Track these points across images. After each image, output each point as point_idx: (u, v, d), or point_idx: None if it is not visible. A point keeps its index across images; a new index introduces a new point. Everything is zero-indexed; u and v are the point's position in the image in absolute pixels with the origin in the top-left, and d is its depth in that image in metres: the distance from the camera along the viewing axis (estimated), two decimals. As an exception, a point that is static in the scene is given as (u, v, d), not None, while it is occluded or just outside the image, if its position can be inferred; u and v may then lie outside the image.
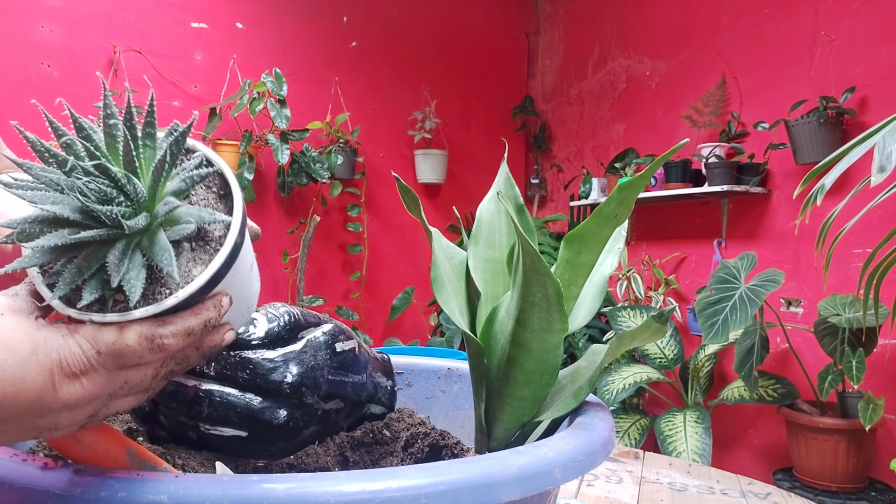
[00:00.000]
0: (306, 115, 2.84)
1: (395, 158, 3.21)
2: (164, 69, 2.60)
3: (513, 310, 0.52)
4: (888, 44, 2.12)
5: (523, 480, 0.39)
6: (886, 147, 0.93)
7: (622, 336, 0.52)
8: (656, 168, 0.45)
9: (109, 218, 0.32)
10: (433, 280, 0.59)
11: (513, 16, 3.64)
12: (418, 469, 0.37)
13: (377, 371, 0.64)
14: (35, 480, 0.34)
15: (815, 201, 1.08)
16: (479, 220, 0.65)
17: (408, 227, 3.23)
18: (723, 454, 2.64)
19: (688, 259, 2.82)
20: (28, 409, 0.31)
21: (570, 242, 0.53)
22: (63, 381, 0.31)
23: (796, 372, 2.27)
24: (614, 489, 1.03)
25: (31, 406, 0.31)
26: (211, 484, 0.34)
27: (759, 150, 2.48)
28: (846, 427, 1.97)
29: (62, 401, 0.31)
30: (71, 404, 0.32)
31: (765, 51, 2.49)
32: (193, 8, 2.66)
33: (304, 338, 0.57)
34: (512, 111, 3.60)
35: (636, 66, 3.08)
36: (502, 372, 0.55)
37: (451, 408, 0.74)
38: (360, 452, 0.59)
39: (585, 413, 0.53)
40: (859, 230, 2.14)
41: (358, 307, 3.06)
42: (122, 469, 0.38)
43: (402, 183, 0.57)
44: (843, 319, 1.95)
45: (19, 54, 2.32)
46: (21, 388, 0.30)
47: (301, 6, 2.92)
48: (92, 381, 0.32)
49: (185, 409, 0.53)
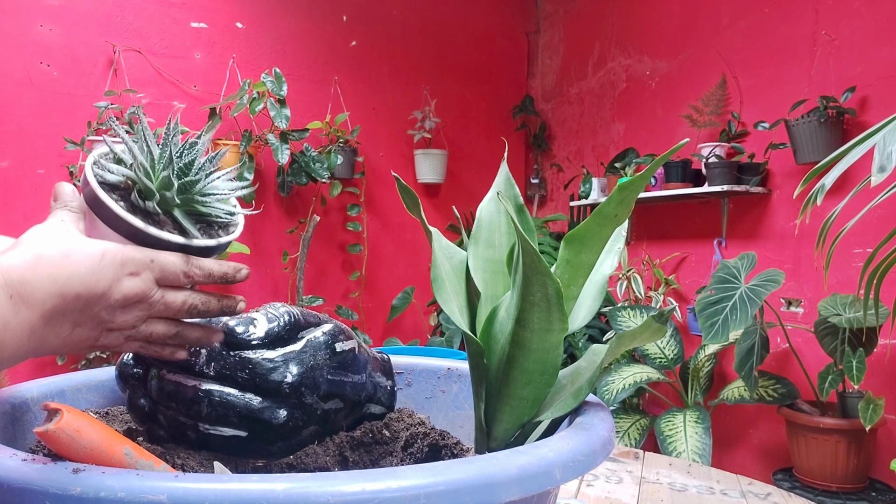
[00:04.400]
0: (306, 115, 2.83)
1: (394, 158, 3.21)
2: (163, 69, 2.60)
3: (513, 310, 0.52)
4: (888, 44, 2.12)
5: (523, 480, 0.39)
6: (886, 147, 0.93)
7: (622, 336, 0.52)
8: (656, 168, 0.45)
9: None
10: (433, 280, 0.59)
11: (513, 15, 3.64)
12: (418, 469, 0.37)
13: (377, 371, 0.64)
14: (34, 480, 0.34)
15: (816, 201, 1.08)
16: (479, 219, 0.64)
17: (408, 227, 3.23)
18: (723, 454, 2.64)
19: (688, 259, 2.82)
20: (98, 301, 0.39)
21: (570, 242, 0.53)
22: (124, 277, 0.40)
23: (796, 372, 2.27)
24: (614, 489, 1.03)
25: (101, 298, 0.39)
26: (210, 484, 0.34)
27: (760, 150, 2.48)
28: (846, 427, 1.97)
29: (123, 292, 0.40)
30: (128, 298, 0.41)
31: (765, 51, 2.49)
32: (193, 7, 2.66)
33: (303, 338, 0.57)
34: (512, 111, 3.60)
35: (636, 66, 3.08)
36: (502, 372, 0.55)
37: (450, 408, 0.74)
38: (359, 452, 0.59)
39: (585, 413, 0.53)
40: (859, 230, 2.14)
41: (358, 307, 3.06)
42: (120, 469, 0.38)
43: (401, 182, 0.57)
44: (844, 319, 1.95)
45: (19, 54, 2.32)
46: (93, 283, 0.39)
47: (301, 6, 2.92)
48: (143, 280, 0.41)
49: (185, 409, 0.53)
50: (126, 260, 0.40)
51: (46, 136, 2.37)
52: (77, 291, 0.38)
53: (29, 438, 0.57)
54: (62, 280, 0.38)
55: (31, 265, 0.37)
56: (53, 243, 0.39)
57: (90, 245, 0.40)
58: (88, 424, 0.39)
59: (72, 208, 0.43)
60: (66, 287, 0.38)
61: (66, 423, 0.38)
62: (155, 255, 0.42)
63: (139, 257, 0.41)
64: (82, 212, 0.43)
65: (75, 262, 0.39)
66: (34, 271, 0.37)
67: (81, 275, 0.38)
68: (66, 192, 0.43)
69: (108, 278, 0.40)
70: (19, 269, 0.37)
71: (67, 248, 0.39)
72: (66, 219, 0.42)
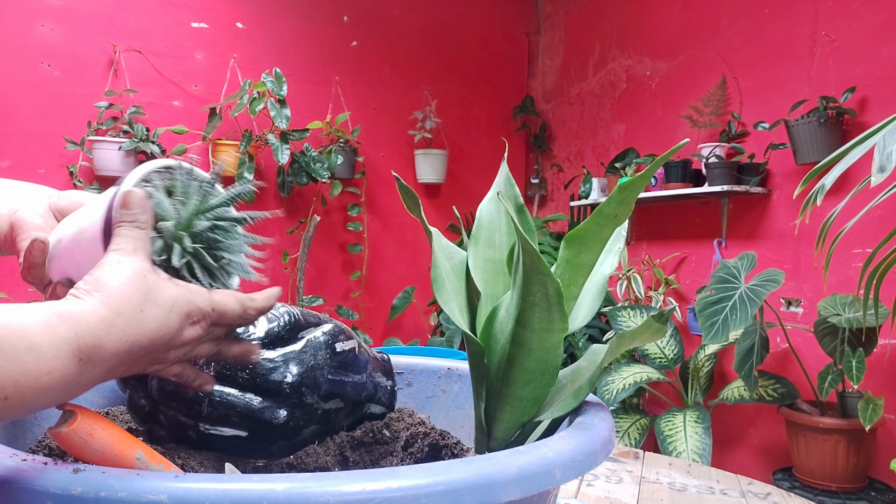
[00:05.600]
0: (306, 115, 2.83)
1: (395, 158, 3.21)
2: (164, 69, 2.60)
3: (513, 309, 0.52)
4: (888, 44, 2.12)
5: (523, 480, 0.39)
6: (886, 147, 0.93)
7: (622, 336, 0.52)
8: (656, 168, 0.45)
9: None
10: (433, 280, 0.59)
11: (513, 16, 3.64)
12: (418, 469, 0.37)
13: (377, 371, 0.64)
14: (35, 480, 0.34)
15: (815, 201, 1.08)
16: (479, 219, 0.64)
17: (408, 227, 3.23)
18: (723, 454, 2.64)
19: (688, 259, 2.82)
20: (162, 346, 0.41)
21: (570, 242, 0.53)
22: (187, 326, 0.41)
23: (796, 372, 2.27)
24: (614, 489, 1.03)
25: (165, 344, 0.41)
26: (211, 484, 0.34)
27: (760, 150, 2.48)
28: (846, 427, 1.97)
29: (183, 339, 0.42)
30: (186, 342, 0.42)
31: (765, 51, 2.49)
32: (194, 8, 2.66)
33: (304, 338, 0.57)
34: (512, 111, 3.60)
35: (636, 66, 3.08)
36: (502, 372, 0.55)
37: (451, 407, 0.74)
38: (360, 452, 0.59)
39: (585, 413, 0.53)
40: (859, 230, 2.14)
41: (358, 307, 3.06)
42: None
43: (402, 183, 0.57)
44: (843, 319, 1.95)
45: (19, 54, 2.32)
46: (160, 336, 0.40)
47: (301, 6, 2.92)
48: (202, 326, 0.43)
49: (185, 409, 0.53)
50: (191, 311, 0.41)
51: (47, 136, 2.37)
52: (144, 345, 0.39)
53: (29, 438, 0.57)
54: (132, 339, 0.38)
55: (108, 326, 0.37)
56: (131, 295, 0.38)
57: (161, 296, 0.40)
58: (102, 427, 0.40)
59: (141, 224, 0.41)
60: (136, 344, 0.38)
61: (79, 426, 0.38)
62: (215, 303, 0.43)
63: (203, 307, 0.42)
64: (150, 226, 0.42)
65: (148, 318, 0.39)
66: (109, 333, 0.36)
67: (151, 331, 0.39)
68: (137, 202, 0.41)
69: (174, 330, 0.40)
70: (95, 333, 0.36)
71: (142, 300, 0.39)
72: (140, 249, 0.41)
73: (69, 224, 0.46)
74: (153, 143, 2.42)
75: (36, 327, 0.33)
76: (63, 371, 0.34)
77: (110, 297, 0.37)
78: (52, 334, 0.34)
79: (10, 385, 0.32)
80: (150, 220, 0.42)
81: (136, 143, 2.35)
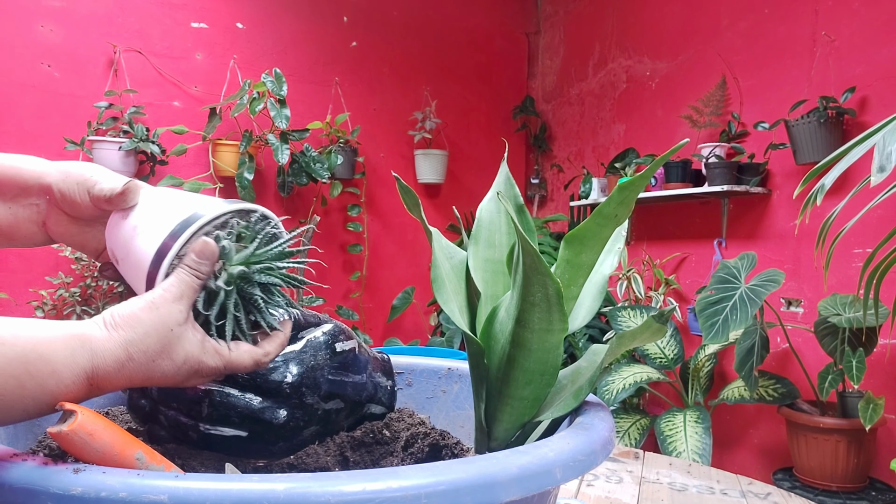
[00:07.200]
0: (306, 115, 2.83)
1: (395, 158, 3.21)
2: (164, 69, 2.60)
3: (513, 310, 0.52)
4: (888, 44, 2.12)
5: (524, 480, 0.39)
6: (886, 147, 0.93)
7: (622, 336, 0.52)
8: (656, 168, 0.45)
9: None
10: (433, 280, 0.59)
11: (513, 16, 3.64)
12: (419, 469, 0.37)
13: (377, 371, 0.64)
14: (35, 480, 0.34)
15: (815, 201, 1.08)
16: (479, 220, 0.64)
17: (408, 227, 3.23)
18: (723, 454, 2.64)
19: (688, 259, 2.82)
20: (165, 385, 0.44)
21: (570, 242, 0.53)
22: (193, 377, 0.44)
23: (796, 372, 2.27)
24: (614, 489, 1.03)
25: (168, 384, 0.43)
26: (211, 484, 0.34)
27: (759, 150, 2.48)
28: (846, 427, 1.97)
29: (187, 384, 0.44)
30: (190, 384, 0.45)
31: (765, 51, 2.49)
32: (194, 8, 2.66)
33: (304, 338, 0.57)
34: (512, 111, 3.60)
35: (636, 67, 3.08)
36: (502, 372, 0.55)
37: (451, 408, 0.74)
38: (360, 452, 0.59)
39: (585, 413, 0.53)
40: (859, 230, 2.14)
41: (358, 307, 3.06)
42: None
43: (402, 183, 0.57)
44: (844, 319, 1.95)
45: (19, 54, 2.32)
46: (167, 381, 0.42)
47: (301, 6, 2.92)
48: (208, 378, 0.45)
49: (186, 410, 0.53)
50: (201, 370, 0.43)
51: (47, 136, 2.37)
52: (147, 382, 0.42)
53: (29, 438, 0.57)
54: (138, 380, 0.41)
55: (119, 367, 0.40)
56: (149, 347, 0.41)
57: (177, 351, 0.42)
58: (102, 427, 0.39)
59: (200, 275, 0.43)
60: (140, 382, 0.41)
61: (79, 426, 0.38)
62: (229, 363, 0.45)
63: (214, 366, 0.44)
64: (208, 278, 0.44)
65: (156, 368, 0.41)
66: (118, 373, 0.40)
67: (156, 379, 0.42)
68: (210, 255, 0.43)
69: (178, 380, 0.43)
70: (107, 370, 0.39)
71: (158, 353, 0.41)
72: (186, 297, 0.43)
73: (146, 214, 0.46)
74: (153, 143, 2.42)
75: (60, 354, 0.37)
76: (76, 393, 0.39)
77: (129, 343, 0.40)
78: (73, 362, 0.38)
79: (31, 403, 0.37)
80: (210, 273, 0.44)
81: (136, 144, 2.35)
